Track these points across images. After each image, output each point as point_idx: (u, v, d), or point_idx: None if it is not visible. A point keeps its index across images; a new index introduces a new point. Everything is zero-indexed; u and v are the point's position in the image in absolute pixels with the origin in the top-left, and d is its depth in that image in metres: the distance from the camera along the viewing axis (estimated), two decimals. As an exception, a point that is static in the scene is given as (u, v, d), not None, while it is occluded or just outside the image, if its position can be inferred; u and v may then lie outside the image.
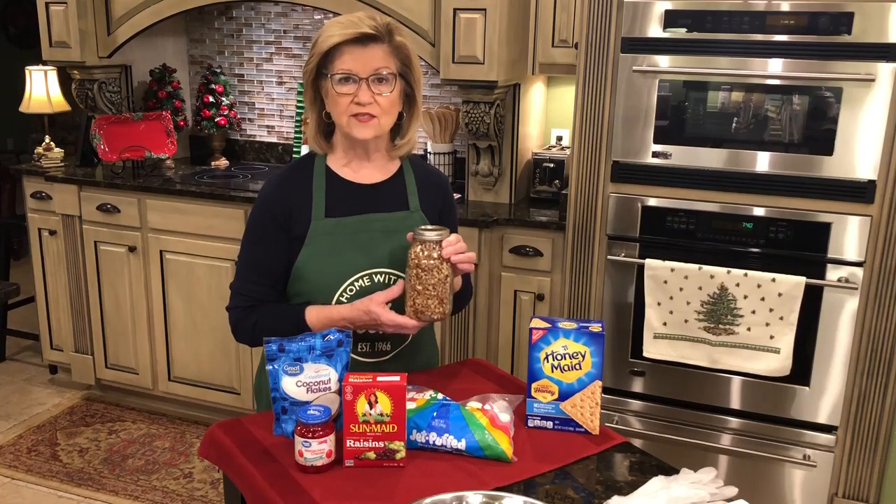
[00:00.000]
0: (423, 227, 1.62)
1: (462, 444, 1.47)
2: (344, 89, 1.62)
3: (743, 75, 2.45)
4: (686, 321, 2.57)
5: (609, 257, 2.68)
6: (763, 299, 2.48)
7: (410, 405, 1.49)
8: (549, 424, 1.58)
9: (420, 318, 1.62)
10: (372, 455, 1.43)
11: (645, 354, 2.65)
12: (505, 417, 1.50)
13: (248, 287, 1.70)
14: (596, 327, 1.54)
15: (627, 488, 1.39)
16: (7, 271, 4.45)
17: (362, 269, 1.68)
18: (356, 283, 1.68)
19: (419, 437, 1.49)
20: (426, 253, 1.59)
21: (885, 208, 2.39)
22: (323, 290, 1.67)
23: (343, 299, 1.68)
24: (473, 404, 1.52)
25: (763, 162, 2.48)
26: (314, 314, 1.66)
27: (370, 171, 1.75)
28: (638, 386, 2.75)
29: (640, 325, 2.65)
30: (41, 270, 3.78)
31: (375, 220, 1.71)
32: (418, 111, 1.75)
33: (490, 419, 1.48)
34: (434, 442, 1.48)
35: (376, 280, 1.69)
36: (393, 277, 1.70)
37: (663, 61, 2.52)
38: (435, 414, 1.49)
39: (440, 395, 1.54)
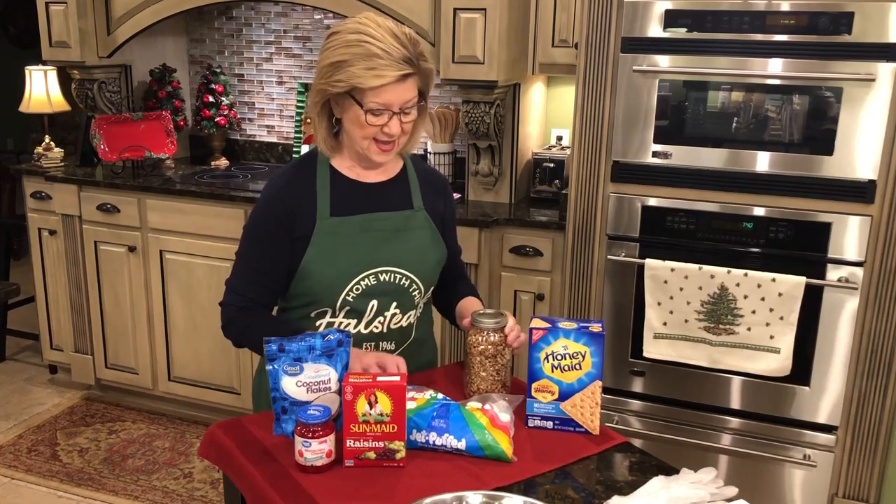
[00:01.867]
0: (482, 313, 1.65)
1: (462, 444, 1.47)
2: (376, 121, 1.59)
3: (743, 75, 2.45)
4: (686, 321, 2.57)
5: (609, 257, 2.68)
6: (763, 299, 2.48)
7: (410, 405, 1.49)
8: (550, 424, 1.58)
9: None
10: (372, 455, 1.43)
11: (645, 354, 2.65)
12: (505, 417, 1.50)
13: (245, 286, 1.70)
14: (596, 327, 1.54)
15: (627, 488, 1.39)
16: (7, 271, 4.45)
17: (368, 267, 1.68)
18: (362, 282, 1.68)
19: (419, 437, 1.49)
20: (487, 339, 1.64)
21: (885, 208, 2.39)
22: (329, 288, 1.67)
23: (349, 298, 1.68)
24: (473, 404, 1.52)
25: (763, 162, 2.48)
26: None
27: (375, 172, 1.75)
28: (638, 386, 2.75)
29: (640, 325, 2.65)
30: (41, 270, 3.78)
31: (380, 218, 1.71)
32: (426, 114, 1.75)
33: (490, 419, 1.48)
34: (434, 442, 1.48)
35: (382, 279, 1.69)
36: (398, 276, 1.70)
37: (663, 61, 2.52)
38: (435, 414, 1.49)
39: (440, 395, 1.54)
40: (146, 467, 3.21)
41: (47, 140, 3.77)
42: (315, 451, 1.41)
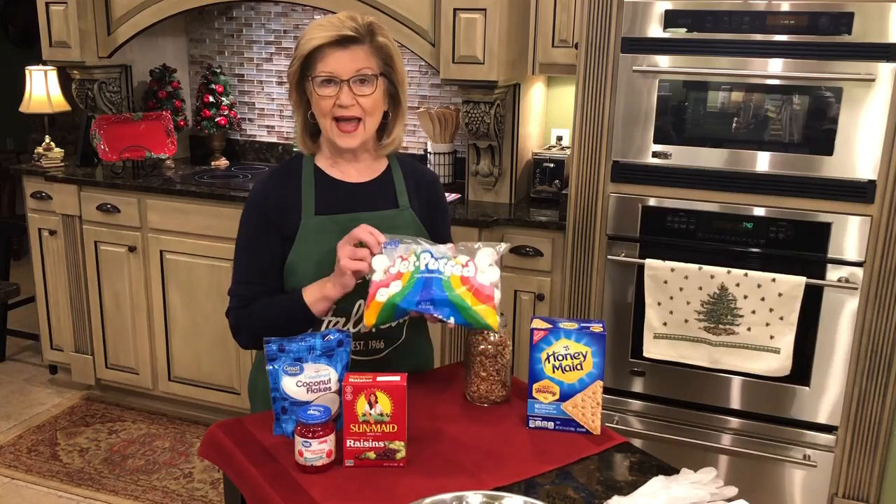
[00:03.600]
0: None
1: (451, 321, 1.49)
2: (326, 91, 1.62)
3: (743, 75, 2.45)
4: (686, 321, 2.57)
5: (609, 257, 2.68)
6: (763, 299, 2.48)
7: (395, 287, 1.50)
8: (551, 425, 1.58)
9: (481, 402, 1.66)
10: (372, 455, 1.43)
11: (645, 354, 2.65)
12: (493, 275, 1.50)
13: (245, 288, 1.71)
14: (597, 327, 1.54)
15: (628, 488, 1.39)
16: (7, 271, 4.45)
17: None
18: None
19: (412, 312, 1.51)
20: (487, 339, 1.63)
21: (885, 208, 2.39)
22: None
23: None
24: (460, 259, 1.51)
25: (763, 162, 2.48)
26: (308, 289, 1.66)
27: (358, 171, 1.76)
28: (638, 386, 2.75)
29: (640, 325, 2.65)
30: (41, 270, 3.78)
31: (366, 218, 1.71)
32: (403, 110, 1.76)
33: (474, 293, 1.48)
34: (426, 311, 1.50)
35: (368, 279, 1.69)
36: None
37: (663, 61, 2.52)
38: (419, 297, 1.49)
39: (422, 257, 1.51)
40: (146, 467, 3.21)
41: (47, 140, 3.77)
42: (315, 451, 1.41)
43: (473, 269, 1.52)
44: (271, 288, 1.70)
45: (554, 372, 1.55)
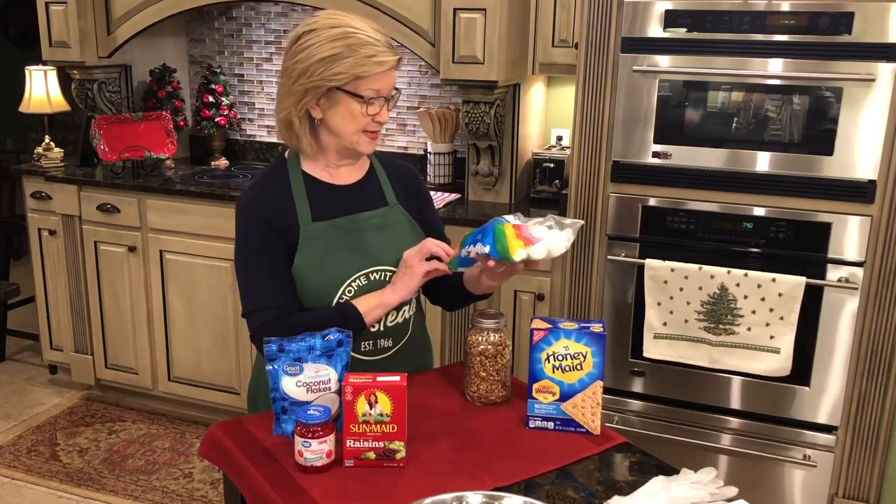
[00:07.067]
0: (482, 313, 1.66)
1: (487, 248, 1.51)
2: (371, 110, 1.62)
3: (743, 75, 2.45)
4: (686, 321, 2.57)
5: (609, 257, 2.68)
6: (763, 299, 2.48)
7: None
8: (551, 425, 1.58)
9: (481, 402, 1.67)
10: (372, 455, 1.43)
11: (645, 354, 2.65)
12: (538, 233, 1.52)
13: (267, 299, 1.64)
14: (597, 328, 1.54)
15: (628, 488, 1.39)
16: (7, 271, 4.45)
17: (359, 269, 1.68)
18: (353, 284, 1.67)
19: (463, 252, 1.57)
20: (487, 339, 1.64)
21: (885, 208, 2.39)
22: (321, 293, 1.66)
23: (343, 301, 1.67)
24: (537, 227, 1.54)
25: (763, 162, 2.48)
26: (360, 300, 1.66)
27: (347, 173, 1.75)
28: (638, 386, 2.75)
29: (640, 325, 2.65)
30: (41, 270, 3.78)
31: (362, 219, 1.71)
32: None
33: (523, 240, 1.50)
34: (471, 253, 1.54)
35: (373, 278, 1.69)
36: (388, 274, 1.70)
37: (663, 61, 2.52)
38: (480, 235, 1.53)
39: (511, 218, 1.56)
40: (146, 467, 3.21)
41: (47, 140, 3.77)
42: (315, 451, 1.41)
43: (541, 231, 1.53)
44: (295, 295, 1.66)
45: (554, 372, 1.56)
